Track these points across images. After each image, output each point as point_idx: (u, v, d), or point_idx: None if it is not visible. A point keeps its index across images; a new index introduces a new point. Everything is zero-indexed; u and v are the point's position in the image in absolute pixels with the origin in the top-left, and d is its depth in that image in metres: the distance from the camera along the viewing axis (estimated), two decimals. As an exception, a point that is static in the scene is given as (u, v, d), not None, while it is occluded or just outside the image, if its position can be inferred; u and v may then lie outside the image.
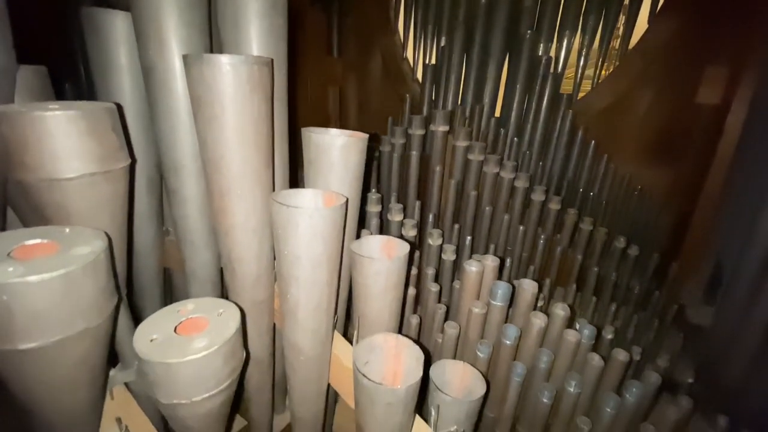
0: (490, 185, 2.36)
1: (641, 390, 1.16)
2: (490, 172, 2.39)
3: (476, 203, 2.39)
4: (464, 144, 2.41)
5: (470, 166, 2.43)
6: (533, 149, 2.97)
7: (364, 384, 0.84)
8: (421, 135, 2.53)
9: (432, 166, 2.51)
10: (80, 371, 0.69)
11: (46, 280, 0.57)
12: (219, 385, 0.78)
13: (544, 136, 2.94)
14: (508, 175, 2.40)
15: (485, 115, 3.01)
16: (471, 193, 2.39)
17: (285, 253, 0.90)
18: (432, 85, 3.17)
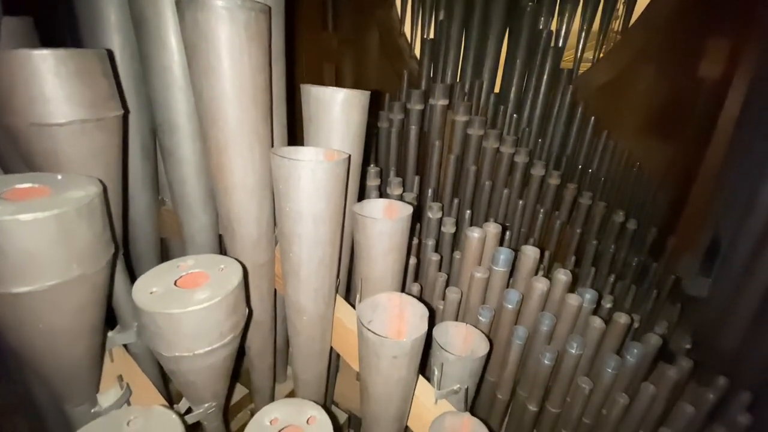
0: (490, 160, 2.34)
1: (642, 351, 1.17)
2: (490, 147, 2.36)
3: (476, 178, 2.37)
4: (464, 119, 2.37)
5: (470, 141, 2.40)
6: (533, 125, 2.94)
7: (369, 339, 0.83)
8: (420, 110, 2.49)
9: (431, 141, 2.48)
10: (78, 321, 0.67)
11: (39, 220, 0.54)
12: (222, 338, 0.77)
13: (544, 112, 2.90)
14: (508, 150, 2.37)
15: (484, 91, 2.96)
16: (470, 168, 2.37)
17: (287, 210, 0.88)
18: (430, 60, 3.11)
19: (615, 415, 1.17)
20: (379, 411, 0.94)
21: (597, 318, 1.24)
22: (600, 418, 1.25)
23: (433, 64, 3.12)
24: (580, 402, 1.20)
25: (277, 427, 0.83)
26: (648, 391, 1.13)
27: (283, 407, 0.87)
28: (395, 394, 0.90)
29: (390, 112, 2.51)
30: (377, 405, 0.93)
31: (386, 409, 0.93)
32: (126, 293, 0.99)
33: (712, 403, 1.15)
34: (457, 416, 0.97)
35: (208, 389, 0.84)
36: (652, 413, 1.17)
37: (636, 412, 1.16)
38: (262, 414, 0.85)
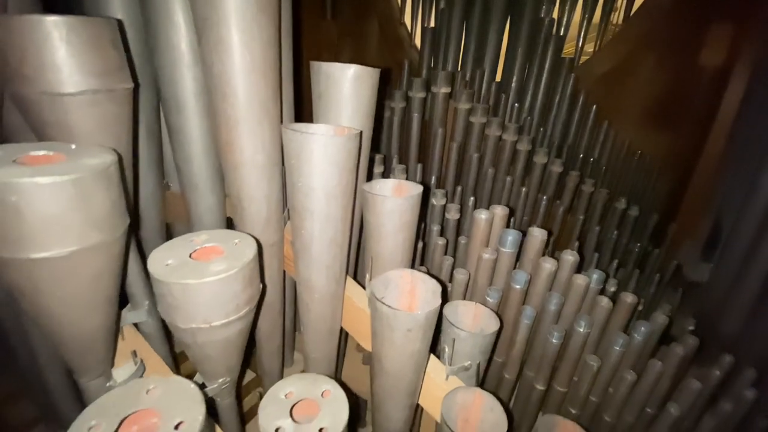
0: (492, 148, 2.34)
1: (649, 329, 1.19)
2: (492, 134, 2.36)
3: (478, 165, 2.37)
4: (466, 106, 2.37)
5: (472, 129, 2.40)
6: (534, 114, 2.94)
7: (383, 312, 0.84)
8: (421, 98, 2.48)
9: (433, 129, 2.47)
10: (95, 291, 0.66)
11: (57, 183, 0.54)
12: (238, 311, 0.77)
13: (546, 101, 2.90)
14: (511, 137, 2.37)
15: (486, 80, 2.95)
16: (473, 156, 2.37)
17: (299, 185, 0.88)
18: (431, 49, 3.09)
19: (622, 393, 1.19)
20: (391, 386, 0.95)
21: (604, 297, 1.25)
22: (606, 396, 1.27)
23: (434, 53, 3.10)
24: (587, 380, 1.22)
25: (292, 400, 0.83)
26: (655, 368, 1.14)
27: (297, 382, 0.87)
28: (408, 368, 0.90)
29: (391, 100, 2.50)
30: (390, 380, 0.93)
31: (399, 384, 0.94)
32: (137, 272, 0.98)
33: (718, 379, 1.17)
34: (468, 391, 0.97)
35: (222, 364, 0.84)
36: (659, 390, 1.18)
37: (643, 388, 1.17)
38: (277, 388, 0.85)
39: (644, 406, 1.20)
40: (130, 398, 0.65)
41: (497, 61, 3.02)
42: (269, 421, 0.77)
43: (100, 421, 0.60)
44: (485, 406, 0.96)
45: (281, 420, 0.78)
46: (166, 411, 0.63)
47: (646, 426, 1.22)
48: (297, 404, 0.83)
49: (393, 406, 0.99)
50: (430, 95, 2.45)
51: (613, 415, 1.22)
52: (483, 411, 0.97)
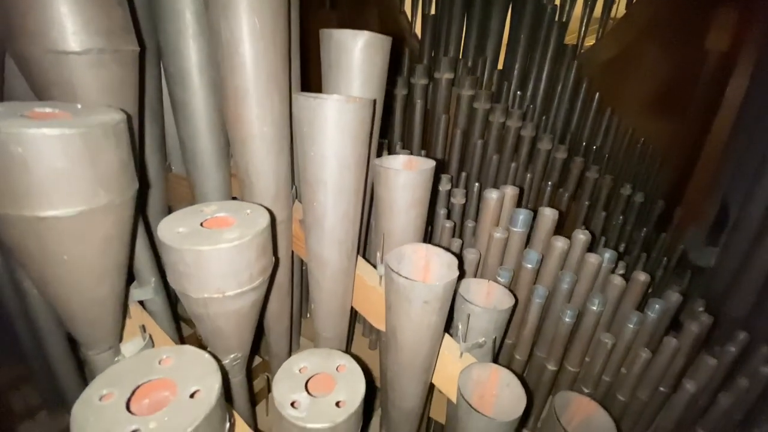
0: (497, 134, 2.31)
1: (663, 306, 1.17)
2: (496, 121, 2.34)
3: (482, 151, 2.35)
4: (469, 93, 2.34)
5: (476, 115, 2.37)
6: (537, 102, 2.91)
7: (400, 284, 0.81)
8: (424, 84, 2.46)
9: (436, 115, 2.44)
10: (104, 257, 0.64)
11: (66, 136, 0.51)
12: (251, 281, 0.74)
13: (548, 89, 2.87)
14: (515, 123, 2.35)
15: (488, 68, 2.92)
16: (477, 142, 2.35)
17: (311, 155, 0.85)
18: (432, 37, 3.05)
19: (636, 371, 1.18)
20: (407, 362, 0.93)
21: (617, 276, 1.23)
22: (619, 376, 1.26)
23: (435, 41, 3.07)
24: (600, 359, 1.20)
25: (306, 375, 0.81)
26: (670, 345, 1.13)
27: (310, 357, 0.85)
28: (424, 342, 0.88)
29: (393, 88, 2.47)
30: (406, 355, 0.91)
31: (414, 360, 0.92)
32: (144, 248, 0.96)
33: (734, 356, 1.16)
34: (484, 367, 0.96)
35: (234, 337, 0.82)
36: (673, 368, 1.17)
37: (657, 366, 1.16)
38: (290, 363, 0.83)
39: (658, 385, 1.19)
40: (143, 367, 0.62)
41: (499, 49, 2.99)
42: (284, 394, 0.75)
43: (112, 389, 0.58)
44: (502, 381, 0.94)
45: (296, 394, 0.76)
46: (181, 380, 0.61)
47: (660, 404, 1.21)
48: (311, 379, 0.81)
49: (407, 382, 0.97)
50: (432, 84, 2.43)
51: (626, 393, 1.21)
52: (499, 387, 0.95)
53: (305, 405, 0.74)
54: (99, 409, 0.55)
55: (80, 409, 0.55)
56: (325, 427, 0.71)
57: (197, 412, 0.56)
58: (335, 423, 0.71)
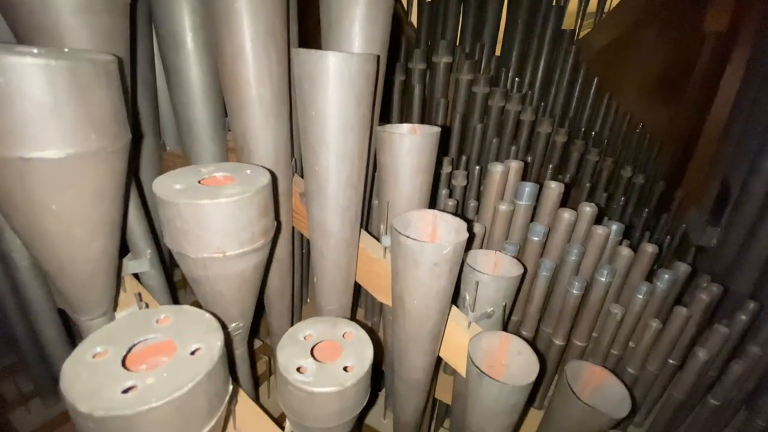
0: (495, 118, 2.29)
1: (672, 277, 1.15)
2: (495, 105, 2.32)
3: (482, 135, 2.33)
4: (468, 77, 2.31)
5: (475, 99, 2.34)
6: (535, 88, 2.89)
7: (408, 247, 0.78)
8: (422, 69, 2.42)
9: (435, 100, 2.41)
10: (95, 210, 0.60)
11: (53, 67, 0.47)
12: (253, 242, 0.71)
13: (546, 75, 2.85)
14: (514, 107, 2.33)
15: (485, 54, 2.89)
16: (477, 126, 2.32)
17: (312, 115, 0.81)
18: (428, 24, 3.02)
19: (646, 342, 1.15)
20: (414, 330, 0.89)
21: (625, 247, 1.21)
22: (628, 349, 1.24)
23: (431, 27, 3.03)
24: (609, 332, 1.18)
25: (312, 342, 0.78)
26: (681, 314, 1.11)
27: (315, 325, 0.81)
28: (433, 308, 0.85)
29: (391, 74, 2.43)
30: (414, 323, 0.88)
31: (423, 327, 0.88)
32: (138, 218, 0.92)
33: (745, 324, 1.14)
34: (493, 335, 0.93)
35: (236, 304, 0.79)
36: (683, 339, 1.15)
37: (667, 337, 1.14)
38: (294, 330, 0.80)
39: (668, 356, 1.17)
40: (140, 326, 0.58)
41: (497, 35, 2.96)
42: (289, 360, 0.72)
43: (106, 347, 0.54)
44: (512, 349, 0.92)
45: (302, 360, 0.72)
46: (180, 338, 0.57)
47: (670, 377, 1.19)
48: (317, 345, 0.78)
49: (415, 354, 0.94)
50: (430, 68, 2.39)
51: (636, 366, 1.19)
52: (510, 355, 0.92)
53: (312, 370, 0.71)
54: (92, 366, 0.51)
55: (71, 367, 0.51)
56: (333, 391, 0.68)
57: (198, 369, 0.52)
58: (344, 387, 0.68)
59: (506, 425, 0.86)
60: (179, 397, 0.49)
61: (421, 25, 3.08)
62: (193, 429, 0.53)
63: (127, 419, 0.46)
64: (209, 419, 0.56)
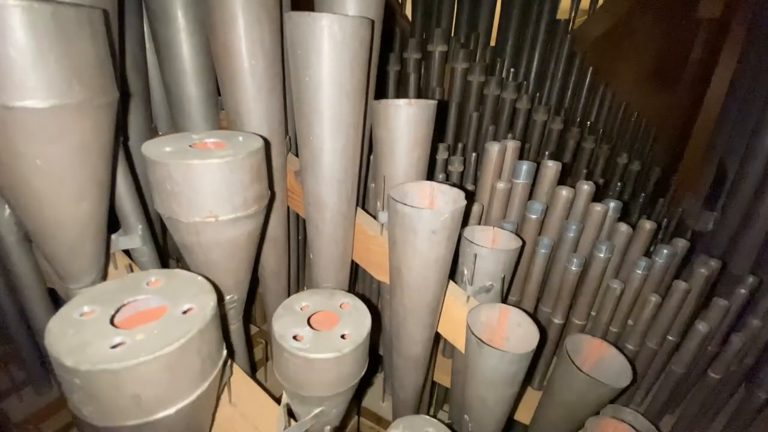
0: (491, 107, 2.29)
1: (671, 251, 1.14)
2: (491, 94, 2.32)
3: (478, 124, 2.32)
4: (463, 66, 2.31)
5: (470, 88, 2.34)
6: (530, 78, 2.89)
7: (406, 214, 0.77)
8: (417, 59, 2.41)
9: (431, 89, 2.41)
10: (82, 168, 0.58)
11: (35, 9, 0.45)
12: (246, 207, 0.69)
13: (541, 65, 2.85)
14: (510, 95, 2.33)
15: (480, 45, 2.89)
16: (473, 114, 2.32)
17: (306, 81, 0.80)
18: (423, 14, 3.01)
19: (645, 318, 1.15)
20: (413, 302, 0.88)
21: (623, 224, 1.20)
22: (627, 327, 1.23)
23: (426, 19, 3.02)
24: (608, 309, 1.17)
25: (308, 312, 0.76)
26: (680, 288, 1.10)
27: (311, 296, 0.80)
28: (432, 278, 0.84)
29: (385, 63, 2.42)
30: (413, 295, 0.87)
31: (421, 299, 0.87)
32: (128, 192, 0.90)
33: (744, 298, 1.14)
34: (492, 307, 0.92)
35: (230, 274, 0.77)
36: (683, 314, 1.14)
37: (667, 312, 1.13)
38: (290, 301, 0.78)
39: (668, 332, 1.16)
40: (129, 288, 0.57)
41: (491, 26, 2.95)
42: (286, 329, 0.70)
43: (94, 307, 0.52)
44: (512, 321, 0.91)
45: (298, 328, 0.71)
46: (172, 300, 0.55)
47: (670, 353, 1.19)
48: (314, 316, 0.76)
49: (413, 327, 0.93)
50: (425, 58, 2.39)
51: (636, 342, 1.18)
52: (509, 328, 0.91)
53: (308, 338, 0.69)
54: (79, 324, 0.50)
55: (56, 324, 0.49)
56: (331, 357, 0.66)
57: (190, 326, 0.50)
58: (342, 353, 0.66)
59: (506, 397, 0.85)
60: (170, 353, 0.47)
61: (416, 17, 3.07)
62: (184, 390, 0.52)
63: (115, 374, 0.44)
64: (202, 381, 0.54)
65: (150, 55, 1.16)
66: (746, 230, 1.78)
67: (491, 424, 0.90)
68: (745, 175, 1.87)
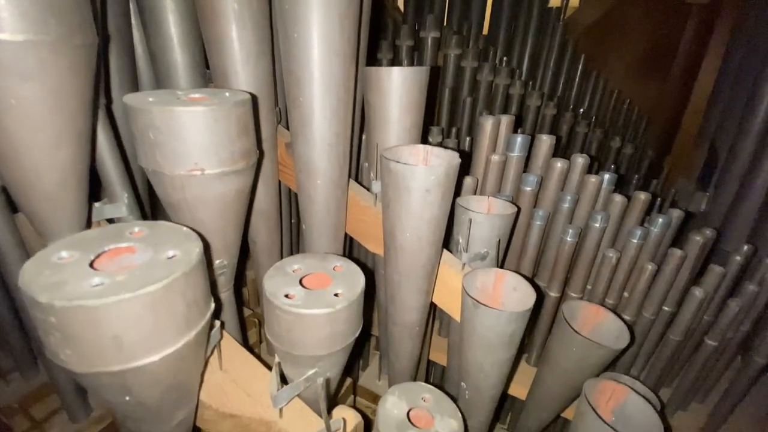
0: (485, 92, 2.29)
1: (666, 220, 1.14)
2: (484, 79, 2.31)
3: (471, 109, 2.32)
4: (456, 52, 2.31)
5: (464, 74, 2.34)
6: (523, 67, 2.89)
7: (399, 172, 0.75)
8: (410, 46, 2.40)
9: (424, 74, 2.39)
10: (59, 112, 0.55)
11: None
12: (234, 162, 0.67)
13: (534, 53, 2.85)
14: (503, 81, 2.33)
15: (473, 33, 2.88)
16: (466, 99, 2.31)
17: (294, 38, 0.78)
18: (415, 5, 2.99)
19: (641, 287, 1.14)
20: (408, 266, 0.86)
21: (618, 195, 1.20)
22: (623, 299, 1.22)
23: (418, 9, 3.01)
24: (604, 280, 1.16)
25: (301, 274, 0.74)
26: (676, 255, 1.09)
27: (304, 259, 0.78)
28: (426, 240, 0.82)
29: (378, 52, 2.41)
30: (406, 259, 0.85)
31: (415, 263, 0.85)
32: (112, 158, 0.87)
33: (739, 265, 1.13)
34: (488, 272, 0.90)
35: (218, 235, 0.74)
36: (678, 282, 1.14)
37: (663, 280, 1.12)
38: (283, 263, 0.76)
39: (664, 300, 1.15)
40: (111, 236, 0.54)
41: (483, 15, 2.95)
42: (277, 287, 0.68)
43: (73, 252, 0.50)
44: (507, 285, 0.89)
45: (290, 288, 0.69)
46: (156, 247, 0.53)
47: (667, 323, 1.18)
48: (306, 277, 0.74)
49: (408, 293, 0.91)
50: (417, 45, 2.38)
51: (633, 312, 1.18)
52: (505, 293, 0.90)
53: (300, 296, 0.67)
54: (56, 266, 0.47)
55: (32, 265, 0.47)
56: (323, 313, 0.64)
57: (175, 268, 0.48)
58: (334, 309, 0.65)
59: (503, 360, 0.84)
60: (153, 292, 0.45)
61: (408, 7, 3.05)
62: (169, 336, 0.50)
63: (93, 311, 0.42)
64: (188, 330, 0.52)
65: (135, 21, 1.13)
66: (738, 209, 1.79)
67: (488, 389, 0.88)
68: (736, 156, 1.88)
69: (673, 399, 1.30)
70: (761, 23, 2.04)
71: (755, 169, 1.72)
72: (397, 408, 0.78)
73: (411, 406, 0.80)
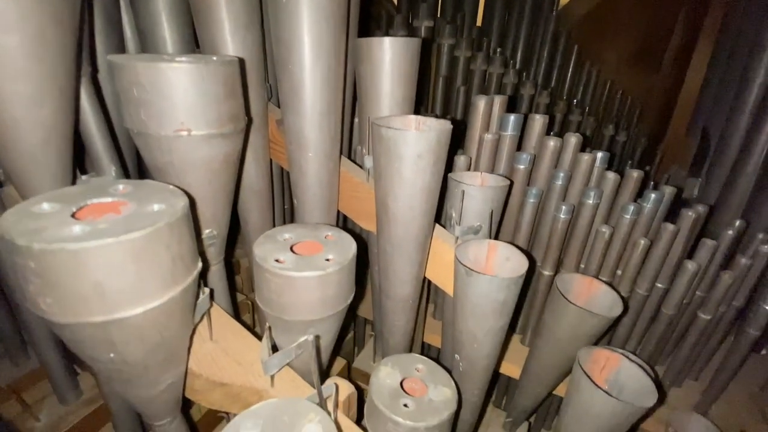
0: (479, 81, 2.29)
1: (658, 196, 1.14)
2: (478, 69, 2.31)
3: (466, 98, 2.31)
4: (450, 41, 2.31)
5: (457, 63, 2.34)
6: (517, 59, 2.89)
7: (389, 138, 0.74)
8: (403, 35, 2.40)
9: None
10: (40, 64, 0.54)
11: None
12: (221, 125, 0.66)
13: (527, 44, 2.85)
14: (497, 70, 2.33)
15: (466, 24, 2.88)
16: (460, 88, 2.31)
17: (283, 2, 0.77)
18: (408, -4, 2.98)
19: (634, 263, 1.14)
20: (400, 236, 0.86)
21: (611, 172, 1.20)
22: (616, 277, 1.22)
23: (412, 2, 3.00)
24: (597, 257, 1.16)
25: (291, 242, 0.73)
26: (668, 230, 1.10)
27: (294, 229, 0.77)
28: (418, 209, 0.81)
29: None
30: (399, 228, 0.84)
31: (408, 232, 0.85)
32: (99, 131, 0.86)
33: (731, 239, 1.14)
34: (481, 243, 0.90)
35: (207, 203, 0.73)
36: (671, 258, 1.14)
37: (656, 255, 1.13)
38: (273, 232, 0.75)
39: (657, 276, 1.16)
40: (94, 191, 0.53)
41: (477, 6, 2.95)
42: (267, 253, 0.67)
43: (54, 205, 0.49)
44: (500, 256, 0.89)
45: (281, 254, 0.68)
46: (140, 201, 0.52)
47: (660, 298, 1.19)
48: (297, 245, 0.73)
49: (401, 266, 0.91)
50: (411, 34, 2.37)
51: (626, 288, 1.18)
52: (498, 264, 0.89)
53: (291, 261, 0.66)
54: (36, 215, 0.46)
55: (12, 214, 0.45)
56: (314, 275, 0.63)
57: (158, 218, 0.47)
58: (326, 272, 0.64)
59: (496, 329, 0.83)
60: (135, 239, 0.44)
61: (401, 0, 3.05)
62: (153, 289, 0.48)
63: (73, 255, 0.41)
64: (173, 284, 0.51)
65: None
66: (730, 194, 1.80)
67: (481, 359, 0.88)
68: (727, 142, 1.89)
69: (667, 375, 1.31)
70: (750, 13, 2.06)
71: (745, 155, 1.74)
72: (391, 378, 0.78)
73: (404, 376, 0.79)
